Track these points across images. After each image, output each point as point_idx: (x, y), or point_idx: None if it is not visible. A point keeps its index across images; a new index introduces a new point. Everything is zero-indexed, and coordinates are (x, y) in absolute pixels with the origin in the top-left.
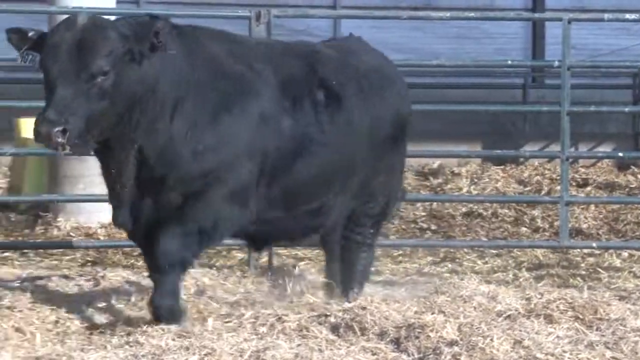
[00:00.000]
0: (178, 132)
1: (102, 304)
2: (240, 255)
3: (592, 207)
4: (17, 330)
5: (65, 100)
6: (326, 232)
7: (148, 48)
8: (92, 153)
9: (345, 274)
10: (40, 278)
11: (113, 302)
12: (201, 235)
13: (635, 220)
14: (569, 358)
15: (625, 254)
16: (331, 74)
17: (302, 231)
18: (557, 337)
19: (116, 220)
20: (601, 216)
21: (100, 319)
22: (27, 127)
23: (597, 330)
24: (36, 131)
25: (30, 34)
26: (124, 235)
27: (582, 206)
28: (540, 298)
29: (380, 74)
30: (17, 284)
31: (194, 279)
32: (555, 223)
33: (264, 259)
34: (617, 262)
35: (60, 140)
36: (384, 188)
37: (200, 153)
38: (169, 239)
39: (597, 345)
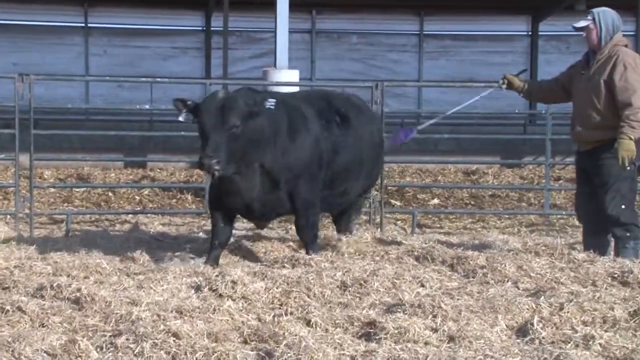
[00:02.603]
0: (280, 152)
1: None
2: (364, 217)
3: (563, 192)
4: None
5: (216, 143)
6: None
7: (260, 109)
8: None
9: (346, 224)
10: None
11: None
12: (315, 217)
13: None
14: (548, 275)
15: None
16: (340, 106)
17: (335, 205)
18: (541, 264)
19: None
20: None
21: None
22: None
23: (565, 262)
24: (200, 164)
25: (188, 102)
26: None
27: (557, 191)
28: (532, 242)
29: (363, 107)
30: None
31: (334, 231)
32: (541, 200)
33: (377, 220)
34: (576, 222)
35: (216, 167)
36: (374, 176)
37: (292, 161)
38: (304, 227)
39: (565, 269)
